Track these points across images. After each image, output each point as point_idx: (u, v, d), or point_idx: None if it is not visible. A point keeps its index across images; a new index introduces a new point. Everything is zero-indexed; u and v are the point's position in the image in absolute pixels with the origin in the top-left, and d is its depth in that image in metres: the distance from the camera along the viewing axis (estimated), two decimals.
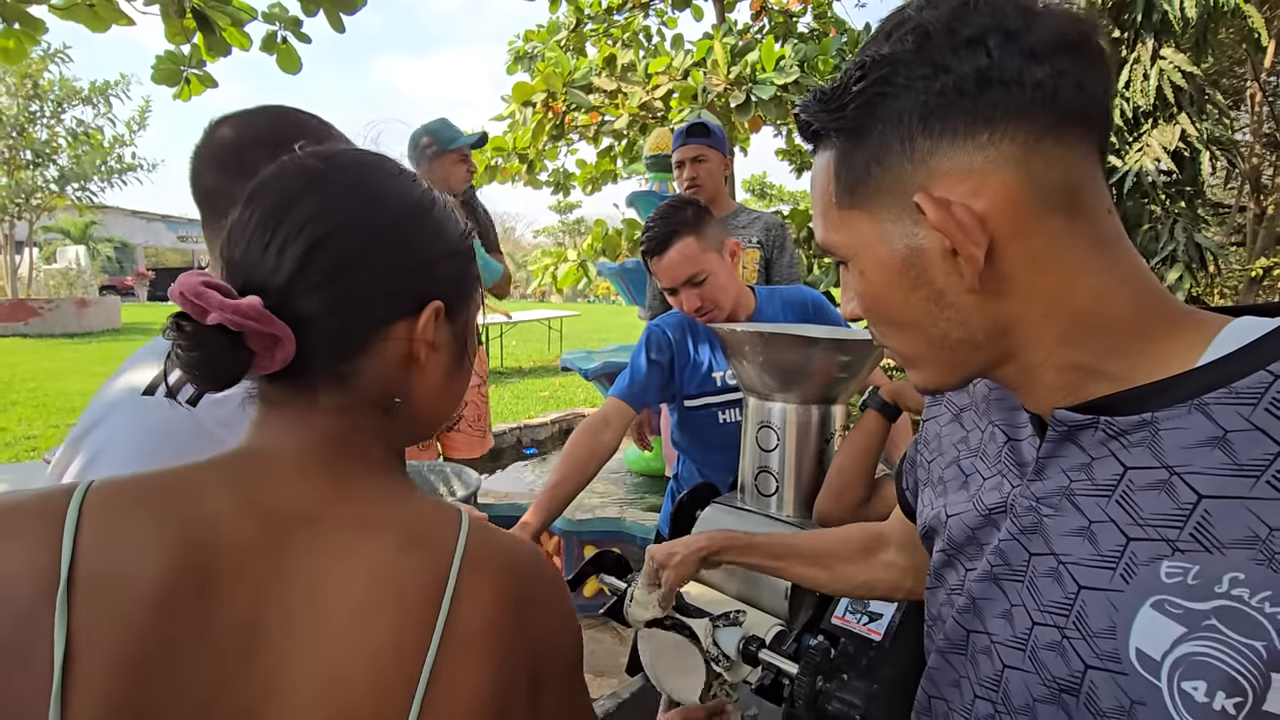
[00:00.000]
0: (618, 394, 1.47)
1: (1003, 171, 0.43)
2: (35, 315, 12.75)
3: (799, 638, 0.97)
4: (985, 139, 0.43)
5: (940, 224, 0.44)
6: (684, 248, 1.38)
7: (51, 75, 12.67)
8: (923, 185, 0.45)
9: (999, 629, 0.52)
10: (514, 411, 6.59)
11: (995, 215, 0.44)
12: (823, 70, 5.08)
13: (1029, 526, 0.50)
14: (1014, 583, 0.51)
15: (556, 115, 5.96)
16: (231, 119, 0.75)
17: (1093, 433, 0.46)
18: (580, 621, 0.55)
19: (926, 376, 0.53)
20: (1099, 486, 0.46)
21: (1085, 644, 0.44)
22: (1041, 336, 0.47)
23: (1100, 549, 0.44)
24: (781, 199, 8.27)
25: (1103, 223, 0.45)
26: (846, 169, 0.49)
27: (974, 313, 0.47)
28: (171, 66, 2.98)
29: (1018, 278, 0.45)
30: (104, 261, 22.54)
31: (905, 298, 0.49)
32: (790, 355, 1.06)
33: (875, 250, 0.49)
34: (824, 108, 0.49)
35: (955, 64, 0.43)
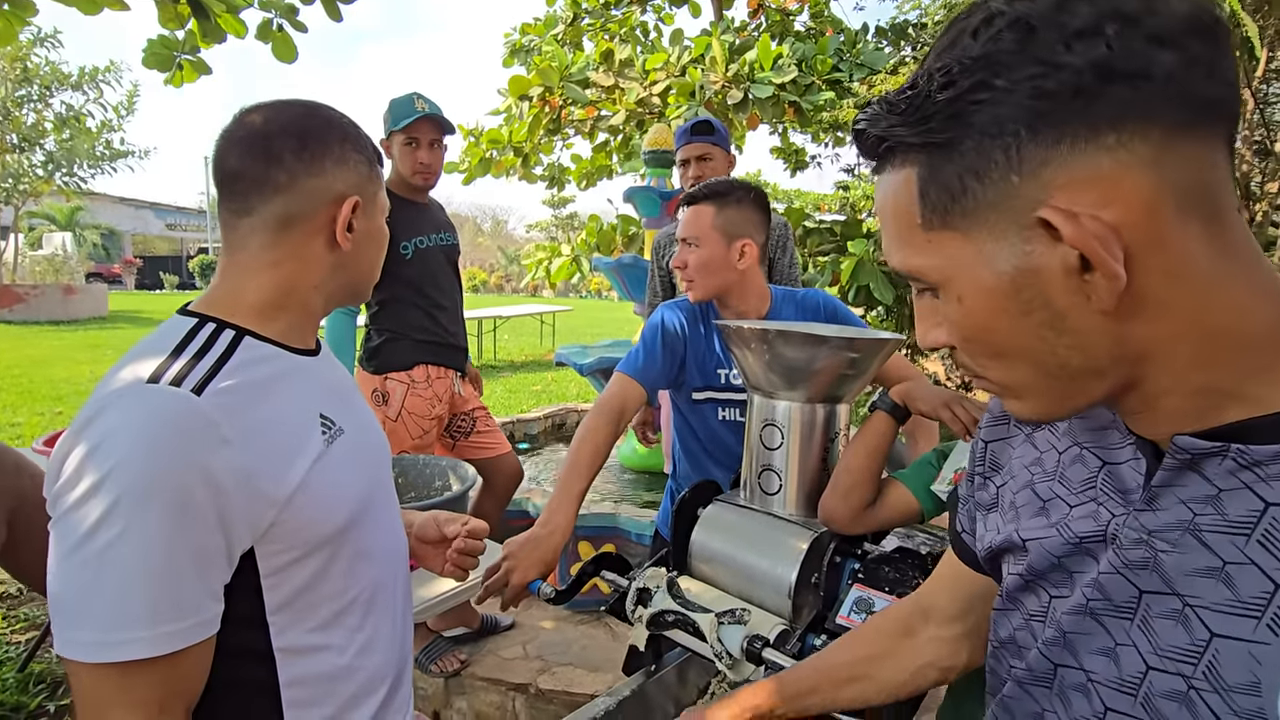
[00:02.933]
0: (631, 373, 1.43)
1: (1134, 176, 0.38)
2: (20, 302, 12.59)
3: (803, 637, 0.97)
4: (1113, 140, 0.38)
5: (1077, 239, 0.39)
6: (700, 211, 1.42)
7: (39, 59, 12.48)
8: (1041, 198, 0.40)
9: (1100, 668, 0.48)
10: (506, 406, 6.57)
11: (1129, 225, 0.39)
12: (820, 70, 5.08)
13: (1138, 561, 0.45)
14: (1119, 620, 0.47)
15: (553, 110, 5.94)
16: (263, 107, 0.78)
17: (1220, 461, 0.42)
18: (575, 618, 0.55)
19: (1032, 407, 0.48)
20: (1233, 524, 0.41)
21: (1219, 698, 0.40)
22: (1172, 359, 0.42)
23: (1239, 594, 0.40)
24: (777, 197, 8.26)
25: (1235, 226, 0.41)
26: (935, 187, 0.43)
27: (1100, 336, 0.42)
28: (164, 52, 2.94)
29: (1153, 294, 0.40)
30: (91, 249, 22.29)
31: (1015, 324, 0.43)
32: (796, 353, 1.06)
33: (976, 274, 0.43)
34: (902, 120, 0.43)
35: (1069, 58, 0.38)
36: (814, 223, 5.62)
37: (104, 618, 0.61)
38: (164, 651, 0.62)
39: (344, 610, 0.79)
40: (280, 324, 0.78)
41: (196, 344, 0.70)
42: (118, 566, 0.60)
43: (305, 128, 0.77)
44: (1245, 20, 3.82)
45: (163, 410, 0.64)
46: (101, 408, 0.64)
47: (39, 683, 2.24)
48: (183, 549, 0.62)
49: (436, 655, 2.16)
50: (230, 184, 0.76)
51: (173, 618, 0.63)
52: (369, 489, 0.83)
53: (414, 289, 2.16)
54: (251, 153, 0.74)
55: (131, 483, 0.60)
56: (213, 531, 0.64)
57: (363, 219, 0.80)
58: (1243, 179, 5.16)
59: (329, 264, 0.80)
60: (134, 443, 0.62)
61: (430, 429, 2.21)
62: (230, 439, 0.66)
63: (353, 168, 0.79)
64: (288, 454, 0.72)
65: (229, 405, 0.67)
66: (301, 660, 0.75)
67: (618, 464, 3.75)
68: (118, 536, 0.60)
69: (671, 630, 1.04)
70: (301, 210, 0.76)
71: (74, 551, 0.61)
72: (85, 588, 0.61)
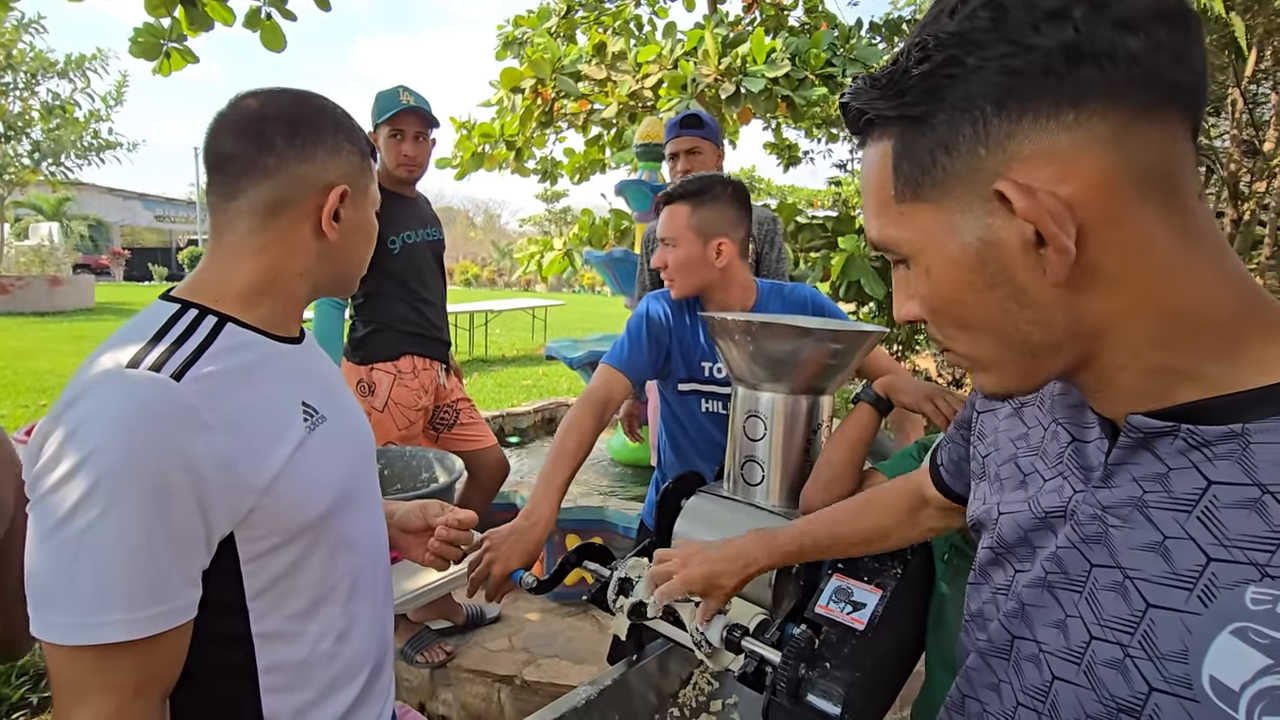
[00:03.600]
0: (616, 365, 1.44)
1: (1092, 154, 0.39)
2: (5, 293, 12.45)
3: (782, 626, 0.97)
4: (1072, 119, 0.39)
5: (1029, 212, 0.40)
6: (675, 211, 1.42)
7: (24, 45, 12.31)
8: (1000, 172, 0.41)
9: (1050, 638, 0.49)
10: (497, 400, 6.56)
11: (1084, 201, 0.40)
12: (813, 65, 5.08)
13: (1092, 535, 0.47)
14: (1070, 592, 0.48)
15: (545, 102, 5.92)
16: (258, 93, 0.78)
17: (1172, 441, 0.43)
18: (562, 610, 0.56)
19: (997, 381, 0.49)
20: (1177, 500, 0.43)
21: (1152, 665, 0.42)
22: (1129, 336, 0.43)
23: (1175, 567, 0.42)
24: (770, 193, 8.28)
25: (1196, 210, 0.42)
26: (909, 159, 0.45)
27: (1057, 311, 0.43)
28: (151, 39, 2.91)
29: (1108, 270, 0.41)
30: (78, 239, 22.07)
31: (980, 297, 0.44)
32: (780, 345, 1.06)
33: (944, 246, 0.44)
34: (881, 94, 0.44)
35: (1038, 38, 0.39)
36: (806, 218, 5.63)
37: (81, 601, 0.61)
38: (141, 635, 0.62)
39: (324, 597, 0.79)
40: (263, 311, 0.77)
41: (177, 330, 0.70)
42: (95, 550, 0.60)
43: (299, 115, 0.77)
44: (1234, 20, 3.84)
45: (141, 396, 0.63)
46: (80, 392, 0.64)
47: (21, 675, 2.22)
48: (161, 534, 0.62)
49: (422, 647, 2.15)
50: (220, 167, 0.75)
51: (150, 602, 0.63)
52: (351, 477, 0.83)
53: (400, 284, 2.16)
54: (244, 136, 0.75)
55: (109, 467, 0.60)
56: (191, 517, 0.64)
57: (351, 210, 0.80)
58: (1231, 178, 5.20)
59: (315, 252, 0.79)
60: (112, 428, 0.61)
61: (417, 420, 2.21)
62: (210, 424, 0.65)
63: (344, 158, 0.79)
64: (268, 440, 0.71)
65: (209, 391, 0.67)
66: (280, 646, 0.75)
67: (606, 457, 3.75)
68: (96, 520, 0.60)
69: (652, 620, 1.04)
70: (290, 196, 0.76)
71: (52, 534, 0.60)
72: (62, 570, 0.60)
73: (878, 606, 0.91)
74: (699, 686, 1.20)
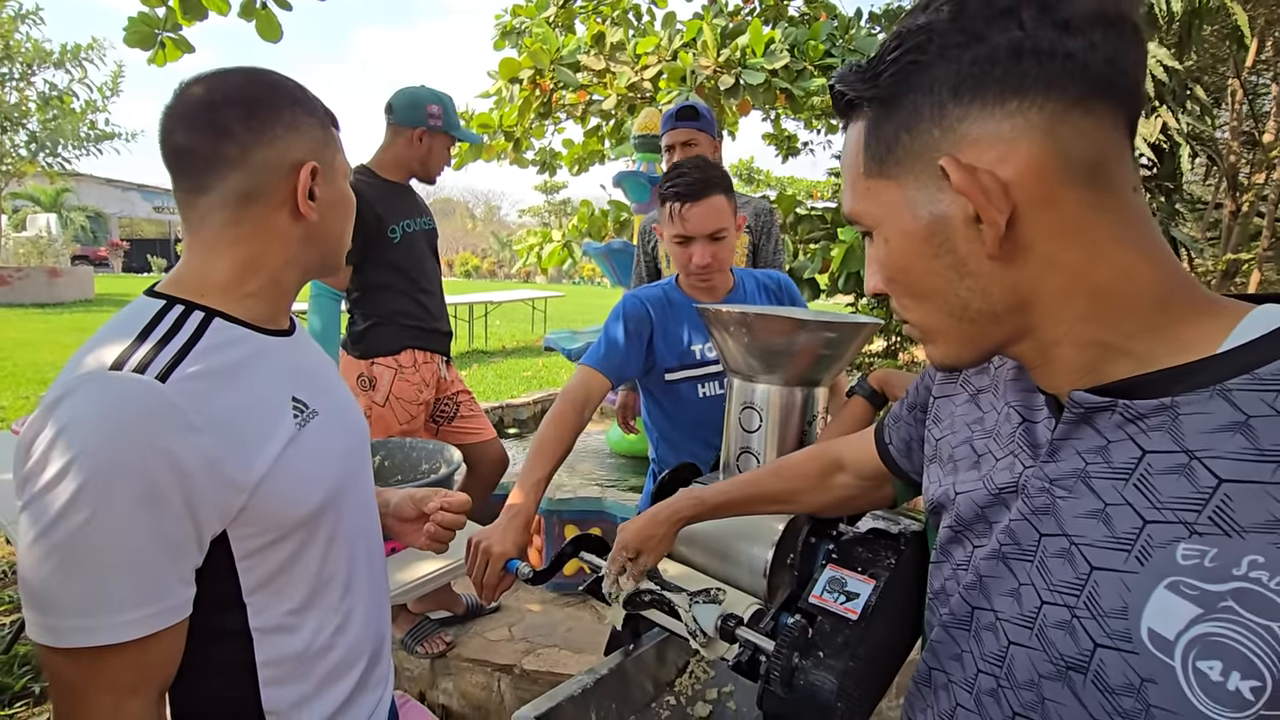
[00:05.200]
0: (593, 364, 1.44)
1: (1030, 140, 0.44)
2: (4, 284, 12.44)
3: (776, 616, 0.98)
4: (1014, 106, 0.44)
5: (963, 187, 0.44)
6: (717, 201, 1.41)
7: (20, 36, 12.24)
8: (949, 151, 0.46)
9: (1005, 607, 0.53)
10: (496, 391, 6.57)
11: (1020, 183, 0.44)
12: (812, 55, 5.06)
13: (1041, 507, 0.50)
14: (1023, 562, 0.51)
15: (544, 93, 5.89)
16: (203, 78, 0.74)
17: (1110, 415, 0.47)
18: (561, 600, 0.57)
19: (944, 350, 0.54)
20: (1115, 470, 0.46)
21: (1096, 623, 0.45)
22: (1062, 311, 0.47)
23: (1115, 531, 0.45)
24: (768, 184, 8.26)
25: (1129, 200, 0.46)
26: (877, 138, 0.49)
27: (994, 282, 0.47)
28: (145, 29, 2.90)
29: (1039, 248, 0.45)
30: (77, 231, 21.99)
31: (927, 265, 0.49)
32: (776, 337, 1.07)
33: (900, 218, 0.49)
34: (859, 77, 0.49)
35: (989, 34, 0.44)
36: (805, 210, 5.62)
37: (72, 603, 0.61)
38: (134, 636, 0.62)
39: (320, 590, 0.80)
40: (251, 304, 0.76)
41: (163, 327, 0.69)
42: (85, 553, 0.60)
43: (250, 95, 0.73)
44: (1236, 10, 3.83)
45: (127, 398, 0.63)
46: (66, 392, 0.63)
47: (24, 664, 2.24)
48: (150, 535, 0.62)
49: (423, 637, 2.17)
50: (181, 162, 0.73)
51: (141, 603, 0.63)
52: (344, 471, 0.82)
53: (400, 273, 2.16)
54: (197, 127, 0.71)
55: (96, 470, 0.60)
56: (180, 518, 0.64)
57: (324, 185, 0.77)
58: (1231, 170, 5.18)
59: (297, 237, 0.77)
60: (98, 430, 0.61)
61: (418, 414, 2.21)
62: (197, 426, 0.65)
63: (305, 132, 0.76)
64: (257, 439, 0.70)
65: (195, 392, 0.66)
66: (278, 640, 0.76)
67: (604, 449, 3.77)
68: (84, 523, 0.60)
69: (648, 610, 1.05)
70: (259, 185, 0.73)
71: (42, 537, 0.60)
72: (53, 574, 0.60)
73: (871, 596, 0.92)
74: (695, 675, 1.21)
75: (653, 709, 1.15)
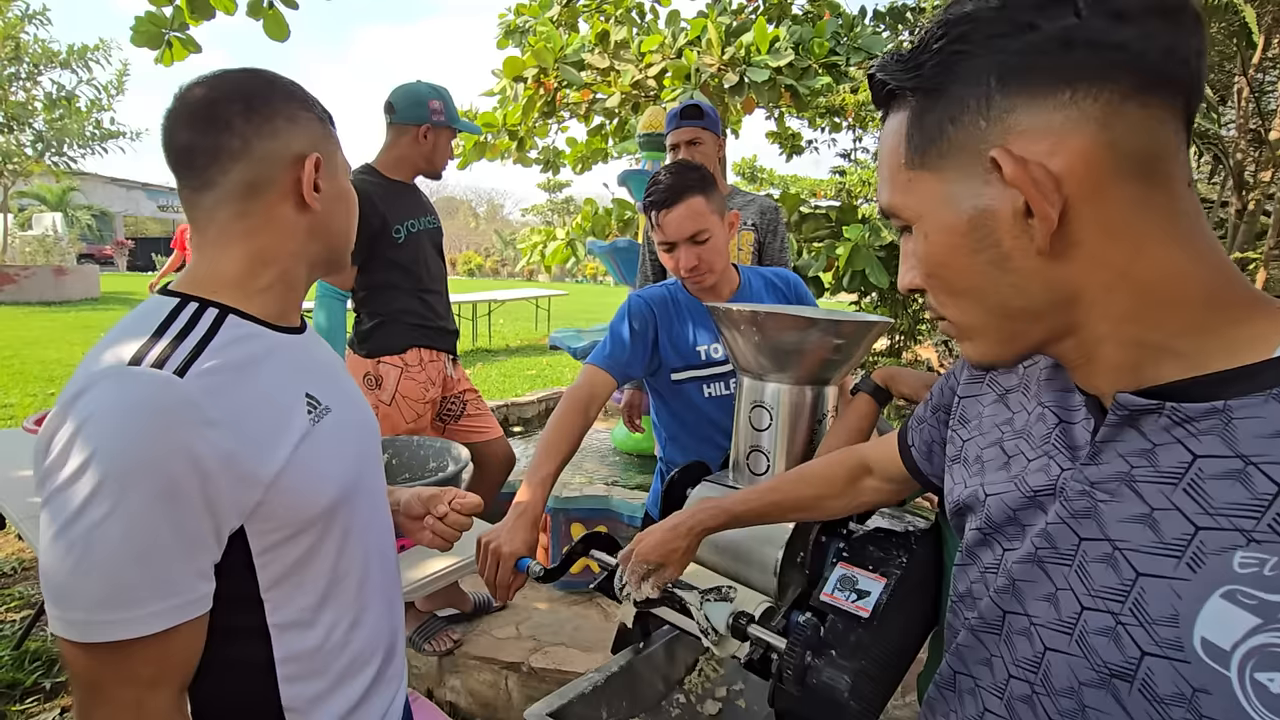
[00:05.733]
0: (599, 363, 1.44)
1: (1082, 132, 0.42)
2: (11, 283, 12.49)
3: (787, 614, 0.99)
4: (1066, 98, 0.42)
5: (1016, 179, 0.43)
6: (693, 204, 1.40)
7: (27, 36, 12.28)
8: (998, 142, 0.44)
9: (1041, 611, 0.51)
10: (501, 390, 6.58)
11: (1071, 176, 0.43)
12: (818, 53, 5.05)
13: (1081, 511, 0.49)
14: (1060, 566, 0.50)
15: (548, 92, 5.89)
16: (202, 80, 0.75)
17: (1157, 418, 0.45)
18: (568, 598, 0.57)
19: (981, 349, 0.52)
20: (1163, 474, 0.44)
21: (1143, 631, 0.44)
22: (1107, 309, 0.46)
23: (1163, 536, 0.44)
24: (772, 183, 8.23)
25: (1181, 196, 0.44)
26: (919, 129, 0.48)
27: (1037, 278, 0.46)
28: (152, 28, 2.90)
29: (1087, 244, 0.44)
30: (82, 229, 22.06)
31: (967, 262, 0.48)
32: (787, 335, 1.07)
33: (940, 212, 0.48)
34: (901, 67, 0.48)
35: (1040, 22, 0.42)
36: (809, 208, 5.62)
37: (93, 598, 0.61)
38: (153, 630, 0.63)
39: (335, 586, 0.80)
40: (262, 300, 0.77)
41: (179, 324, 0.69)
42: (105, 548, 0.61)
43: (249, 90, 0.74)
44: (1243, 7, 3.81)
45: (145, 393, 0.63)
46: (84, 387, 0.63)
47: (34, 660, 2.25)
48: (169, 530, 0.63)
49: (430, 634, 2.18)
50: (185, 160, 0.74)
51: (161, 597, 0.63)
52: (357, 467, 0.83)
53: (406, 273, 2.16)
54: (198, 125, 0.72)
55: (115, 465, 0.60)
56: (199, 512, 0.64)
57: (327, 178, 0.78)
58: (1237, 168, 5.16)
59: (303, 229, 0.78)
60: (116, 426, 0.61)
61: (424, 412, 2.22)
62: (214, 420, 0.65)
63: (305, 126, 0.77)
64: (273, 434, 0.71)
65: (212, 386, 0.66)
66: (295, 636, 0.76)
67: (609, 447, 3.77)
68: (104, 518, 0.60)
69: (659, 607, 1.05)
70: (262, 175, 0.74)
71: (63, 532, 0.61)
72: (74, 568, 0.61)
73: (882, 595, 0.92)
74: (705, 674, 1.22)
75: (663, 707, 1.16)
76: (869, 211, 5.47)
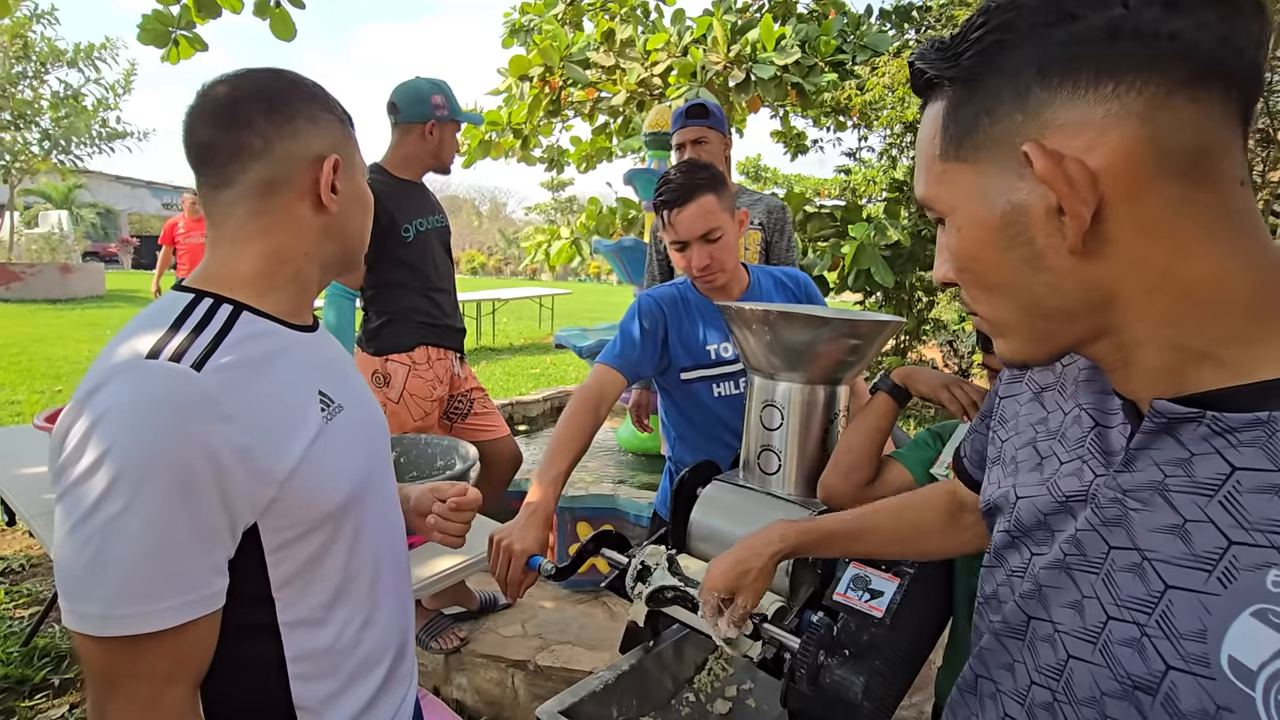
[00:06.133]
0: (609, 362, 1.44)
1: (1124, 127, 0.40)
2: (17, 280, 12.53)
3: (800, 613, 0.98)
4: (1109, 91, 0.40)
5: (1047, 175, 0.42)
6: (705, 203, 1.40)
7: (35, 35, 12.32)
8: (1034, 136, 0.43)
9: (1066, 619, 0.50)
10: (505, 388, 6.58)
11: (1109, 173, 0.41)
12: (823, 52, 5.04)
13: (1112, 518, 0.48)
14: (1088, 574, 0.49)
15: (553, 90, 5.89)
16: (226, 79, 0.76)
17: (1195, 427, 0.43)
18: (574, 597, 0.56)
19: (1014, 347, 0.51)
20: (1198, 484, 0.43)
21: (1169, 644, 0.42)
22: (1145, 312, 0.44)
23: (1194, 549, 0.42)
24: (776, 182, 8.23)
25: (1232, 194, 0.42)
26: (955, 120, 0.47)
27: (1072, 278, 0.44)
28: (159, 27, 2.91)
29: (1124, 243, 0.42)
30: (88, 227, 22.13)
31: (999, 258, 0.46)
32: (799, 334, 1.06)
33: (974, 206, 0.47)
34: (940, 56, 0.47)
35: (1084, 12, 0.41)
36: (814, 208, 5.61)
37: (108, 592, 0.61)
38: (168, 625, 0.63)
39: (347, 585, 0.80)
40: (276, 298, 0.77)
41: (194, 319, 0.70)
42: (120, 542, 0.61)
43: (271, 90, 0.75)
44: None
45: (162, 387, 0.63)
46: (101, 381, 0.63)
47: (43, 656, 2.26)
48: (184, 525, 0.63)
49: (437, 632, 2.18)
50: (205, 157, 0.74)
51: (176, 592, 0.63)
52: (368, 465, 0.83)
53: (414, 271, 2.16)
54: (220, 122, 0.73)
55: (131, 459, 0.60)
56: (214, 508, 0.65)
57: (345, 179, 0.79)
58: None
59: (318, 229, 0.78)
60: (133, 419, 0.61)
61: (432, 410, 2.22)
62: (230, 415, 0.65)
63: (325, 127, 0.77)
64: (287, 431, 0.71)
65: (229, 381, 0.66)
66: (307, 635, 0.76)
67: (615, 446, 3.77)
68: (120, 512, 0.60)
69: (671, 606, 1.05)
70: (281, 174, 0.74)
71: (78, 527, 0.61)
72: (89, 563, 0.61)
73: (895, 595, 0.92)
74: (714, 673, 1.22)
75: (673, 706, 1.16)
76: (874, 211, 5.46)
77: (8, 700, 2.07)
